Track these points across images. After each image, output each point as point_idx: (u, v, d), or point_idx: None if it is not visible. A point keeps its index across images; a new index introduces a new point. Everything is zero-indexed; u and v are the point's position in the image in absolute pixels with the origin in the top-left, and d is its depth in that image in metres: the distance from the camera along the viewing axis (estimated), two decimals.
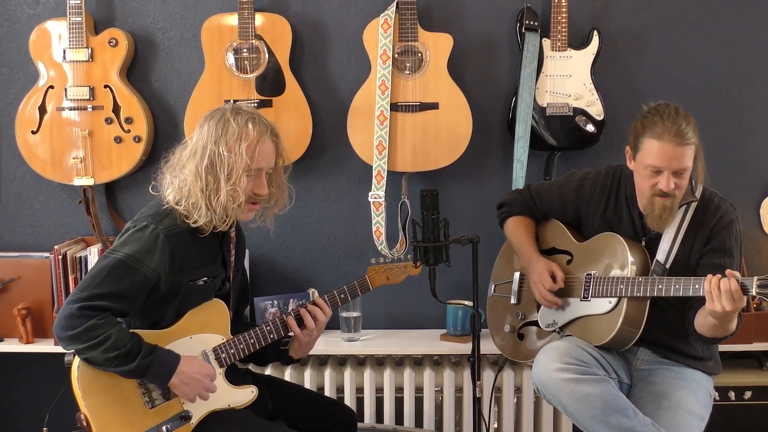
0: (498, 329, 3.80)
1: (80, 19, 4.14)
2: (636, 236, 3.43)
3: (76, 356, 2.96)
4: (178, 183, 3.07)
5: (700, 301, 3.16)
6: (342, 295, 3.36)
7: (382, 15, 4.14)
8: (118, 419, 2.99)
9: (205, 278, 3.15)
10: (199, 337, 3.13)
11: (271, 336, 3.23)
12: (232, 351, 3.16)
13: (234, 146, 3.02)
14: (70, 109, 4.20)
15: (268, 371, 4.10)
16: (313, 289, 4.33)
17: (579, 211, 3.58)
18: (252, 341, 3.20)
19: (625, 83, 4.34)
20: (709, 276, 3.06)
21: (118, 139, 4.21)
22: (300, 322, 3.27)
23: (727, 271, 3.05)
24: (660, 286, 3.22)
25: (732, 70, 4.37)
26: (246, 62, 4.18)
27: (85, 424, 2.96)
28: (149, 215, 3.05)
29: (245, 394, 3.20)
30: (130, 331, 2.97)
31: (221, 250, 3.23)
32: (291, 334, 3.29)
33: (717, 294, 3.03)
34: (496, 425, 4.21)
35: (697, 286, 3.10)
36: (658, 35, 4.34)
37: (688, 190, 3.33)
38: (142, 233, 2.99)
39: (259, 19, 4.18)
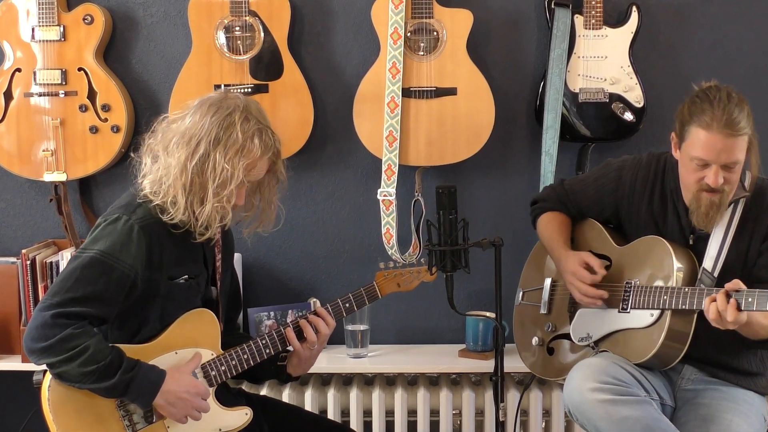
0: (525, 342, 3.81)
1: None
2: (682, 234, 3.44)
3: (47, 374, 2.98)
4: (160, 170, 3.07)
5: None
6: (347, 304, 3.37)
7: None
8: None
9: (186, 276, 3.16)
10: (185, 353, 3.13)
11: (267, 351, 3.24)
12: (223, 368, 3.17)
13: (234, 159, 3.00)
14: (40, 94, 4.23)
15: (264, 391, 4.12)
16: (314, 299, 4.35)
17: (618, 206, 3.59)
18: (246, 357, 3.20)
19: (668, 66, 4.36)
20: (710, 297, 3.14)
21: (94, 129, 4.23)
22: (300, 334, 3.28)
23: (727, 285, 3.13)
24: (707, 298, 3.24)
25: None
26: (239, 42, 4.21)
27: None
28: (121, 206, 3.08)
29: (238, 417, 3.21)
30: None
31: (202, 248, 3.23)
32: (290, 348, 3.31)
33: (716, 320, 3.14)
34: None
35: (750, 300, 3.10)
36: (706, 10, 4.35)
37: (738, 184, 3.33)
38: (114, 226, 3.01)
39: None
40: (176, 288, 3.14)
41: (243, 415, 3.21)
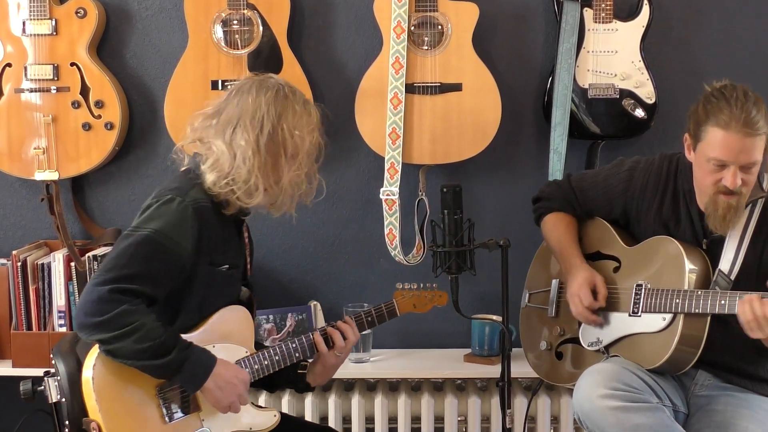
0: (533, 346, 3.81)
1: None
2: (695, 238, 3.43)
3: (91, 353, 3.01)
4: (227, 161, 3.11)
5: None
6: (369, 318, 3.46)
7: None
8: (134, 430, 3.07)
9: (227, 265, 3.22)
10: (222, 347, 3.19)
11: (297, 354, 3.31)
12: (257, 367, 3.24)
13: (299, 126, 3.15)
14: (31, 90, 4.22)
15: (262, 401, 4.11)
16: (315, 302, 4.35)
17: (628, 207, 3.59)
18: (277, 358, 3.27)
19: (681, 60, 4.35)
20: (746, 297, 3.12)
21: (87, 126, 4.23)
22: (326, 341, 3.36)
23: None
24: (722, 302, 3.22)
25: None
26: (237, 36, 4.20)
27: None
28: (173, 188, 3.12)
29: (268, 418, 3.30)
30: None
31: (240, 239, 3.33)
32: (307, 361, 3.40)
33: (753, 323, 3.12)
34: None
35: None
36: (719, 3, 4.36)
37: (755, 185, 3.33)
38: (168, 207, 3.05)
39: None
40: (218, 276, 3.19)
41: (272, 416, 3.31)
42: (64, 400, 3.05)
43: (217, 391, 3.06)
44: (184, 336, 3.09)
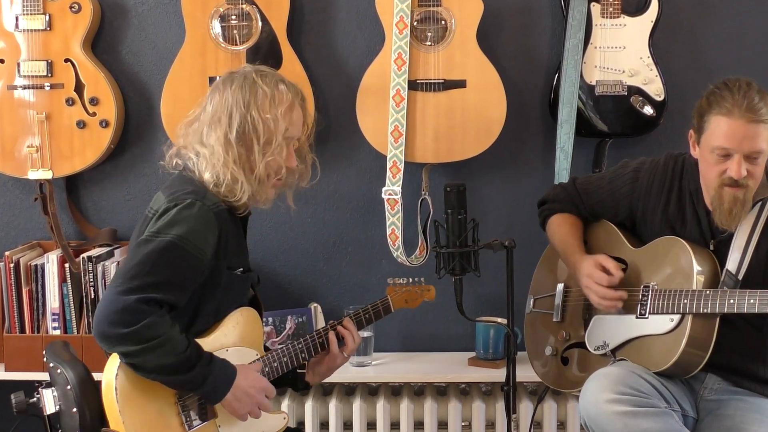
0: (538, 352, 3.81)
1: None
2: (703, 239, 3.43)
3: (111, 361, 3.01)
4: (209, 160, 3.13)
5: None
6: (367, 315, 3.51)
7: None
8: None
9: (241, 268, 3.24)
10: (235, 351, 3.21)
11: (303, 355, 3.35)
12: (267, 369, 3.26)
13: (270, 109, 3.14)
14: (24, 87, 4.23)
15: None
16: (315, 304, 4.35)
17: (634, 209, 3.59)
18: (285, 360, 3.30)
19: (691, 57, 4.36)
20: None
21: (82, 124, 4.23)
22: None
23: None
24: (731, 301, 3.23)
25: None
26: (235, 31, 4.21)
27: None
28: (189, 192, 3.10)
29: (278, 421, 3.32)
30: None
31: (245, 241, 3.35)
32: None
33: None
34: None
35: None
36: None
37: (763, 182, 3.34)
38: (189, 211, 3.04)
39: None
40: (235, 279, 3.21)
41: (281, 419, 3.34)
42: (75, 410, 3.02)
43: (235, 402, 3.08)
44: (198, 341, 3.10)
